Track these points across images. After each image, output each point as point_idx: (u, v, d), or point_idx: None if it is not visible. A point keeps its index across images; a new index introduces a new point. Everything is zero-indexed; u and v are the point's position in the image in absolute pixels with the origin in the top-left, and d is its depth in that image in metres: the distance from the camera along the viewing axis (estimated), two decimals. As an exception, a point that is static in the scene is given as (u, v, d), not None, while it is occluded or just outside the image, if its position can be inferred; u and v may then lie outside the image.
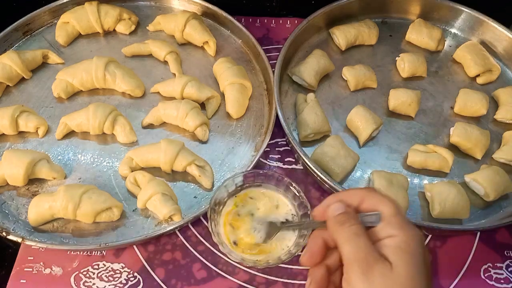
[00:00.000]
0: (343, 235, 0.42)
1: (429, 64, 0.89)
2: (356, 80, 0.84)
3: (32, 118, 0.77)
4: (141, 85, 0.83)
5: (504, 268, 0.71)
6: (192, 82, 0.80)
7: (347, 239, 0.41)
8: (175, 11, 0.94)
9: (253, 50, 0.88)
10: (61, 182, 0.74)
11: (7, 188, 0.73)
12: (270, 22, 0.98)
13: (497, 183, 0.72)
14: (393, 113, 0.84)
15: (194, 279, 0.68)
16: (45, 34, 0.91)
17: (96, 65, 0.80)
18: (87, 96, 0.83)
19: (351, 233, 0.42)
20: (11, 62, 0.81)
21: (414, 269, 0.39)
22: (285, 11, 1.00)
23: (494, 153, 0.79)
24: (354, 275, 0.39)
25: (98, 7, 0.88)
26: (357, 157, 0.76)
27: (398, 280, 0.38)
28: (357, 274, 0.39)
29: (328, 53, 0.88)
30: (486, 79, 0.89)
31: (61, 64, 0.87)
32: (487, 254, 0.72)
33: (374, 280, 0.39)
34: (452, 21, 0.95)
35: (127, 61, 0.87)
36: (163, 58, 0.86)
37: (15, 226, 0.69)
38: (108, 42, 0.91)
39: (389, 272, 0.39)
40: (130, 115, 0.81)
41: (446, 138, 0.82)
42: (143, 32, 0.92)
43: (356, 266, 0.39)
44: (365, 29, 0.90)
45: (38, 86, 0.84)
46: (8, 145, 0.78)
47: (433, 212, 0.72)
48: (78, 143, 0.78)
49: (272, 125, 0.77)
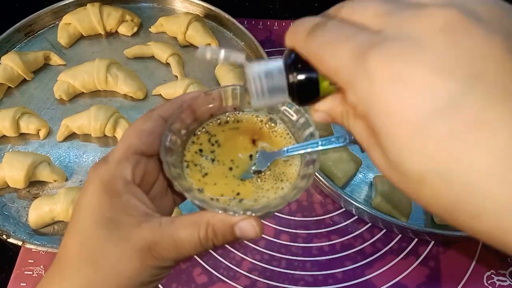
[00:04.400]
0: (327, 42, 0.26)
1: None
2: (359, 83, 0.84)
3: (33, 120, 0.76)
4: (143, 87, 0.83)
5: (507, 275, 0.70)
6: (194, 85, 0.80)
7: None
8: (178, 13, 0.94)
9: (256, 53, 0.88)
10: (62, 184, 0.73)
11: (7, 190, 0.73)
12: (273, 25, 0.98)
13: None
14: (396, 117, 0.83)
15: (195, 283, 0.67)
16: (47, 35, 0.91)
17: (98, 67, 0.79)
18: (89, 98, 0.83)
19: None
20: (12, 63, 0.81)
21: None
22: (288, 13, 1.00)
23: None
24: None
25: (100, 9, 0.88)
26: (359, 161, 0.75)
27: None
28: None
29: (331, 56, 0.87)
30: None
31: (63, 66, 0.86)
32: (491, 261, 0.71)
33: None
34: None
35: (129, 63, 0.87)
36: (165, 60, 0.86)
37: (15, 228, 0.69)
38: (110, 43, 0.91)
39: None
40: (132, 118, 0.80)
41: (450, 143, 0.81)
42: (145, 34, 0.92)
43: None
44: (368, 32, 0.90)
45: (40, 87, 0.84)
46: (9, 147, 0.77)
47: (436, 218, 0.71)
48: (80, 145, 0.78)
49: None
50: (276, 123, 0.42)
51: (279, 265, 0.70)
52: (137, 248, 0.32)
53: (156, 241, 0.32)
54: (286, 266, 0.70)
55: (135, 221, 0.33)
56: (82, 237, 0.33)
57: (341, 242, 0.72)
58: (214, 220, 0.33)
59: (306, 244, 0.72)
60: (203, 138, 0.41)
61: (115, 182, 0.34)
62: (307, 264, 0.70)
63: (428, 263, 0.71)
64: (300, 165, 0.39)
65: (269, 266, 0.69)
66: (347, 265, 0.70)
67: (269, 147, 0.40)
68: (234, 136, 0.41)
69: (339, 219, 0.74)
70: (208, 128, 0.41)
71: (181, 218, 0.34)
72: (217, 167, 0.39)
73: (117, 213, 0.33)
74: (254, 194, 0.38)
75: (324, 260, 0.70)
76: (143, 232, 0.32)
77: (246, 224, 0.32)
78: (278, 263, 0.70)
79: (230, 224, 0.32)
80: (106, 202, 0.33)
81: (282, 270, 0.69)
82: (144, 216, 0.33)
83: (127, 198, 0.33)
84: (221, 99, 0.40)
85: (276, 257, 0.70)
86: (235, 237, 0.33)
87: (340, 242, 0.72)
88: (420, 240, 0.72)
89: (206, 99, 0.40)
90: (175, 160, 0.38)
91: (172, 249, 0.33)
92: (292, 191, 0.37)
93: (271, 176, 0.39)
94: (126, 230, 0.33)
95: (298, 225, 0.73)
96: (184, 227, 0.33)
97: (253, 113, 0.42)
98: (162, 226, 0.33)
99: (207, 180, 0.38)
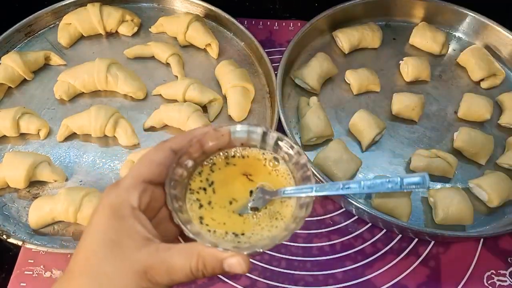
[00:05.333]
0: None
1: (433, 68, 0.89)
2: (359, 83, 0.84)
3: (33, 120, 0.76)
4: (143, 88, 0.83)
5: (507, 276, 0.70)
6: (194, 85, 0.80)
7: None
8: (178, 13, 0.94)
9: (256, 53, 0.88)
10: (62, 184, 0.73)
11: (8, 190, 0.73)
12: (273, 25, 0.98)
13: (501, 189, 0.72)
14: (396, 117, 0.83)
15: (195, 284, 0.67)
16: (47, 35, 0.91)
17: (98, 67, 0.79)
18: (89, 98, 0.83)
19: None
20: (13, 63, 0.81)
21: None
22: (288, 13, 1.00)
23: (498, 159, 0.79)
24: None
25: (101, 9, 0.88)
26: (359, 161, 0.75)
27: None
28: None
29: (331, 56, 0.87)
30: (490, 84, 0.88)
31: (63, 66, 0.86)
32: (491, 261, 0.71)
33: None
34: (456, 25, 0.95)
35: (129, 63, 0.87)
36: (166, 60, 0.86)
37: (15, 228, 0.69)
38: (111, 43, 0.91)
39: None
40: (132, 118, 0.80)
41: (450, 143, 0.81)
42: (145, 34, 0.92)
43: None
44: (368, 32, 0.90)
45: (40, 87, 0.84)
46: (9, 147, 0.77)
47: (436, 218, 0.71)
48: (80, 145, 0.78)
49: (274, 128, 0.76)
50: (279, 162, 0.44)
51: (279, 265, 0.70)
52: (134, 270, 0.35)
53: (151, 265, 0.35)
54: (286, 266, 0.70)
55: (136, 245, 0.36)
56: (88, 254, 0.36)
57: (341, 242, 0.72)
58: (205, 253, 0.36)
59: (306, 244, 0.72)
60: (207, 171, 0.43)
61: (123, 207, 0.37)
62: (307, 264, 0.70)
63: (428, 263, 0.71)
64: (295, 206, 0.41)
65: (269, 266, 0.69)
66: (348, 265, 0.70)
67: (269, 185, 0.43)
68: (237, 171, 0.43)
69: (339, 219, 0.74)
70: (214, 161, 0.44)
71: (177, 246, 0.37)
72: (218, 200, 0.42)
73: (121, 236, 0.36)
74: (250, 230, 0.40)
75: (324, 260, 0.70)
76: (141, 256, 0.35)
77: (234, 261, 0.35)
78: (278, 263, 0.70)
79: (219, 259, 0.36)
80: (113, 225, 0.36)
81: (282, 270, 0.69)
82: (145, 240, 0.36)
83: (131, 223, 0.36)
84: (230, 135, 0.43)
85: (276, 257, 0.70)
86: (223, 270, 0.36)
87: (340, 242, 0.72)
88: (420, 240, 0.72)
89: (215, 135, 0.42)
90: (179, 192, 0.40)
91: (165, 275, 0.35)
92: (283, 232, 0.39)
93: (267, 214, 0.41)
94: (126, 253, 0.35)
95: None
96: (178, 256, 0.36)
97: (259, 150, 0.44)
98: (159, 251, 0.36)
99: (207, 213, 0.41)
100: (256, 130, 0.43)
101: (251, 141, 0.43)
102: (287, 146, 0.42)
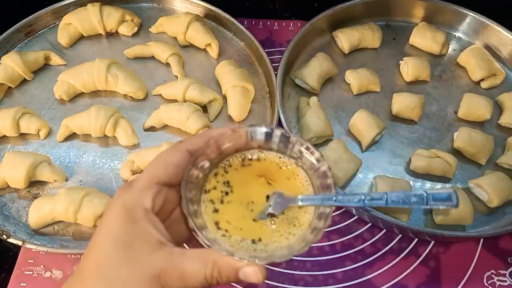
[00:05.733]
0: None
1: (433, 68, 0.89)
2: (359, 83, 0.84)
3: (33, 120, 0.76)
4: (143, 88, 0.83)
5: (507, 276, 0.70)
6: (194, 85, 0.80)
7: None
8: (178, 13, 0.94)
9: (256, 53, 0.88)
10: (62, 184, 0.73)
11: (8, 190, 0.73)
12: (273, 25, 0.98)
13: (501, 189, 0.72)
14: (396, 117, 0.83)
15: (195, 283, 0.67)
16: (47, 35, 0.91)
17: (98, 67, 0.79)
18: (89, 98, 0.83)
19: None
20: (13, 63, 0.81)
21: None
22: (288, 13, 1.00)
23: (498, 159, 0.79)
24: None
25: (101, 9, 0.88)
26: (359, 161, 0.75)
27: None
28: None
29: (331, 56, 0.87)
30: (490, 84, 0.88)
31: (63, 66, 0.86)
32: (490, 261, 0.71)
33: None
34: (456, 25, 0.95)
35: (129, 63, 0.87)
36: (166, 60, 0.86)
37: (15, 228, 0.69)
38: (111, 43, 0.91)
39: None
40: (132, 118, 0.80)
41: (450, 143, 0.81)
42: (145, 34, 0.92)
43: None
44: (368, 32, 0.90)
45: (40, 87, 0.84)
46: (9, 147, 0.77)
47: (436, 218, 0.71)
48: (80, 145, 0.78)
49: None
50: (298, 167, 0.42)
51: (279, 265, 0.70)
52: (147, 274, 0.34)
53: (165, 270, 0.34)
54: (286, 266, 0.70)
55: (149, 249, 0.35)
56: (100, 256, 0.35)
57: (341, 242, 0.72)
58: (221, 262, 0.35)
59: (306, 244, 0.72)
60: (223, 172, 0.42)
61: (136, 209, 0.36)
62: (307, 264, 0.70)
63: (428, 263, 0.71)
64: (313, 214, 0.39)
65: (269, 266, 0.69)
66: (347, 265, 0.70)
67: (286, 192, 0.41)
68: (254, 174, 0.42)
69: (339, 219, 0.74)
70: (231, 163, 0.42)
71: (191, 252, 0.36)
72: (235, 202, 0.40)
73: (134, 239, 0.35)
74: (267, 237, 0.38)
75: (324, 260, 0.70)
76: (154, 260, 0.35)
77: (250, 270, 0.35)
78: (278, 263, 0.70)
79: (235, 268, 0.35)
80: (126, 227, 0.35)
81: (282, 270, 0.69)
82: (158, 244, 0.35)
83: (144, 225, 0.36)
84: (247, 136, 0.41)
85: (276, 257, 0.70)
86: (238, 279, 0.35)
87: (340, 242, 0.72)
88: (420, 240, 0.72)
89: (233, 136, 0.41)
90: (194, 195, 0.39)
91: (179, 280, 0.35)
92: (300, 242, 0.37)
93: (285, 220, 0.39)
94: (139, 256, 0.35)
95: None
96: (192, 262, 0.35)
97: (276, 154, 0.43)
98: (172, 256, 0.35)
99: (223, 216, 0.39)
100: (276, 133, 0.41)
101: (269, 143, 0.42)
102: (308, 151, 0.40)
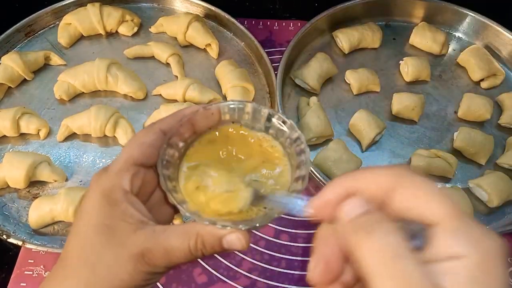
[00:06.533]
0: (373, 255, 0.25)
1: (433, 68, 0.89)
2: (359, 83, 0.84)
3: (33, 120, 0.76)
4: (143, 88, 0.83)
5: (507, 275, 0.70)
6: (194, 85, 0.80)
7: (383, 264, 0.24)
8: (178, 13, 0.94)
9: (256, 53, 0.88)
10: (62, 184, 0.73)
11: (8, 190, 0.73)
12: (273, 25, 0.98)
13: (501, 189, 0.72)
14: (396, 117, 0.83)
15: (195, 283, 0.67)
16: (47, 35, 0.91)
17: (98, 67, 0.79)
18: (89, 98, 0.83)
19: (388, 252, 0.24)
20: (13, 63, 0.81)
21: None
22: (288, 13, 1.00)
23: (498, 159, 0.79)
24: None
25: (101, 9, 0.88)
26: (359, 161, 0.75)
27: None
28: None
29: (331, 56, 0.87)
30: (490, 84, 0.88)
31: (63, 66, 0.86)
32: (491, 260, 0.71)
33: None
34: (456, 25, 0.95)
35: (129, 63, 0.87)
36: (165, 60, 0.86)
37: (15, 228, 0.69)
38: (110, 43, 0.91)
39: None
40: (132, 118, 0.80)
41: (450, 143, 0.81)
42: (145, 34, 0.92)
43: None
44: (368, 32, 0.90)
45: (40, 87, 0.84)
46: (9, 147, 0.77)
47: (436, 218, 0.71)
48: (80, 145, 0.78)
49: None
50: (271, 138, 0.42)
51: (279, 265, 0.70)
52: (132, 254, 0.34)
53: (149, 248, 0.34)
54: (286, 266, 0.70)
55: (131, 229, 0.35)
56: (83, 242, 0.35)
57: (341, 242, 0.72)
58: (204, 232, 0.34)
59: (306, 244, 0.72)
60: (198, 150, 0.41)
61: (115, 191, 0.36)
62: (307, 264, 0.70)
63: (428, 263, 0.71)
64: (290, 178, 0.40)
65: (269, 266, 0.69)
66: (347, 265, 0.70)
67: (266, 173, 0.40)
68: (228, 148, 0.42)
69: (339, 219, 0.74)
70: (206, 139, 0.42)
71: (174, 227, 0.35)
72: (212, 178, 0.40)
73: (115, 221, 0.35)
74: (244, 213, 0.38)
75: (324, 260, 0.70)
76: (137, 239, 0.34)
77: (233, 237, 0.35)
78: (278, 263, 0.70)
79: (218, 237, 0.35)
80: (105, 210, 0.35)
81: (282, 270, 0.69)
82: (140, 223, 0.35)
83: (124, 207, 0.35)
84: (220, 113, 0.41)
85: (276, 257, 0.70)
86: (223, 248, 0.35)
87: (340, 242, 0.72)
88: (420, 240, 0.72)
89: (205, 113, 0.41)
90: (172, 173, 0.39)
91: (163, 256, 0.34)
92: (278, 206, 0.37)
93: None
94: (122, 237, 0.35)
95: (298, 225, 0.73)
96: (175, 236, 0.34)
97: (250, 127, 0.43)
98: (155, 233, 0.35)
99: (203, 192, 0.39)
100: (247, 107, 0.41)
101: (242, 118, 0.42)
102: (279, 121, 0.40)
